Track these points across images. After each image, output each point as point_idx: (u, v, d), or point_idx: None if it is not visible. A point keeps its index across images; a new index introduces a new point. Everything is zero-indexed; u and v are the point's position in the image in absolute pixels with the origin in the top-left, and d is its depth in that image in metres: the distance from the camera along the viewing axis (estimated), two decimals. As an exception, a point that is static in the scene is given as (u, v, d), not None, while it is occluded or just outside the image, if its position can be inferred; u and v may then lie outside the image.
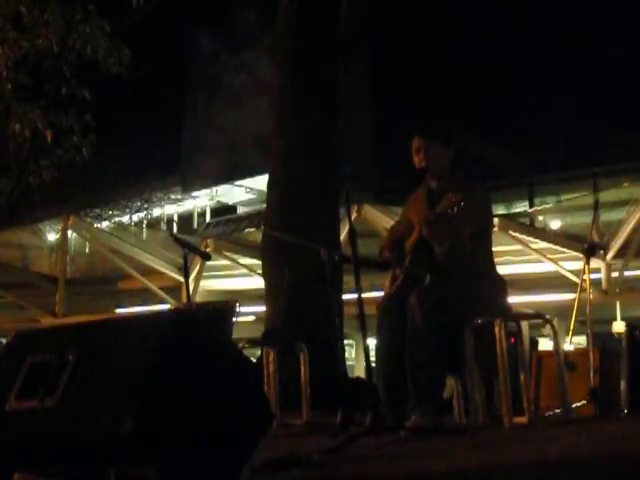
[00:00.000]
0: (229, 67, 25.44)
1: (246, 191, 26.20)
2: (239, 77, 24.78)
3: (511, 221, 13.01)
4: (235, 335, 4.90)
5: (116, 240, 15.35)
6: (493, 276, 4.19)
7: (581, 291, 5.66)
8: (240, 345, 4.90)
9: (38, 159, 9.11)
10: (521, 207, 21.21)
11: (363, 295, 3.98)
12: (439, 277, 4.07)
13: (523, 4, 22.29)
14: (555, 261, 12.34)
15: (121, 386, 2.53)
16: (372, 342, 4.11)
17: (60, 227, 16.16)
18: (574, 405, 4.64)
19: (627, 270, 12.33)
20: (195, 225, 28.95)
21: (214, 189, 27.26)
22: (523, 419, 3.89)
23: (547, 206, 20.03)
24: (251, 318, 12.15)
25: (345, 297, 6.47)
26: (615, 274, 12.29)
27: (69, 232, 16.05)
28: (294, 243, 5.77)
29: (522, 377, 4.03)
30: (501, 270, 4.35)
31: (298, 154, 7.06)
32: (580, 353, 5.60)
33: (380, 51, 23.36)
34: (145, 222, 27.57)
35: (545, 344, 7.74)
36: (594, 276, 10.39)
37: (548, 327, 4.37)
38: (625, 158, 18.49)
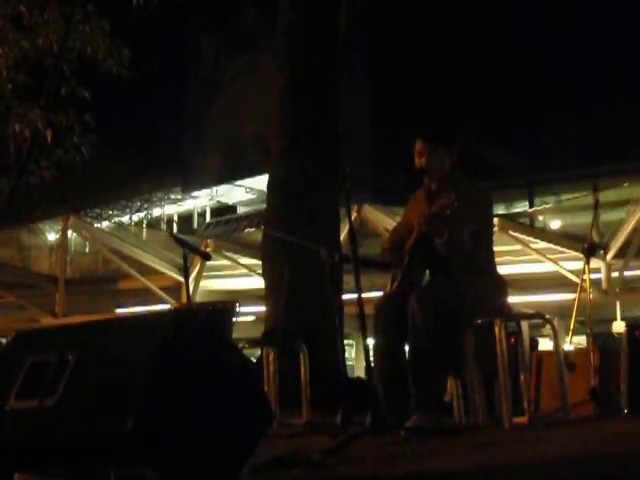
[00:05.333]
0: (229, 67, 25.43)
1: (246, 191, 26.18)
2: (239, 77, 24.77)
3: (511, 221, 13.01)
4: (235, 335, 4.91)
5: (116, 240, 15.35)
6: (493, 275, 4.19)
7: (581, 291, 5.67)
8: (240, 345, 4.90)
9: (38, 159, 9.09)
10: (521, 207, 21.20)
11: (363, 295, 3.98)
12: (439, 275, 4.07)
13: (523, 3, 22.30)
14: (555, 261, 12.34)
15: (121, 386, 2.53)
16: (372, 342, 4.12)
17: (60, 227, 16.17)
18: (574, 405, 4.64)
19: (627, 270, 12.33)
20: (195, 225, 28.94)
21: (214, 189, 27.23)
22: (523, 419, 3.89)
23: (547, 206, 20.04)
24: (251, 318, 12.15)
25: (345, 297, 6.46)
26: (615, 274, 12.29)
27: (69, 232, 16.06)
28: (294, 243, 5.77)
29: (522, 377, 4.03)
30: (501, 270, 4.35)
31: (298, 154, 7.05)
32: (580, 353, 5.60)
33: (380, 51, 23.35)
34: (145, 222, 27.57)
35: (545, 344, 7.74)
36: (594, 276, 10.39)
37: (548, 327, 4.37)
38: (625, 158, 18.49)
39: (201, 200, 28.54)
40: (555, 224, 17.75)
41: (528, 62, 22.24)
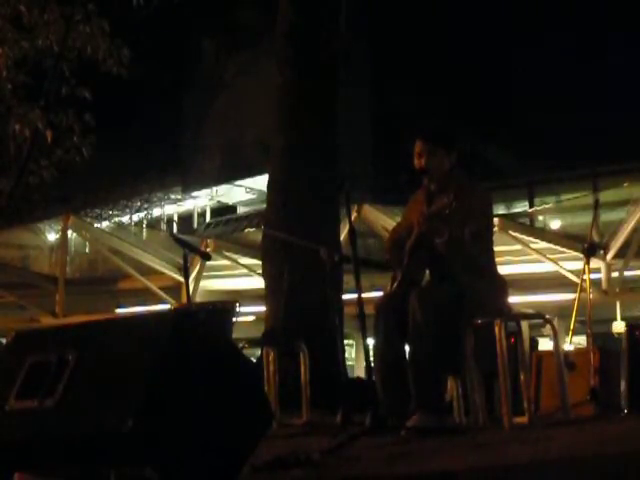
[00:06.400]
0: (229, 67, 25.42)
1: (246, 191, 26.19)
2: (239, 77, 24.76)
3: (511, 221, 13.01)
4: (235, 335, 4.91)
5: (116, 240, 15.36)
6: (494, 275, 4.19)
7: (581, 291, 5.67)
8: (240, 345, 4.90)
9: (38, 159, 9.11)
10: (521, 207, 21.20)
11: (363, 295, 3.98)
12: (439, 276, 4.08)
13: (522, 3, 22.30)
14: (555, 261, 12.34)
15: (121, 386, 2.53)
16: (372, 342, 4.12)
17: (60, 227, 16.17)
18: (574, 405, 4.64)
19: (627, 270, 12.33)
20: (195, 225, 28.94)
21: (214, 189, 27.25)
22: (523, 419, 3.89)
23: (547, 206, 20.02)
24: (251, 318, 12.15)
25: (345, 297, 6.47)
26: (615, 274, 12.29)
27: (69, 232, 16.07)
28: (294, 243, 5.77)
29: (522, 377, 4.03)
30: (501, 270, 4.35)
31: (298, 154, 7.05)
32: (580, 353, 5.60)
33: (380, 51, 23.35)
34: (145, 222, 27.57)
35: (545, 344, 7.74)
36: (594, 276, 10.39)
37: (548, 327, 4.37)
38: (625, 158, 18.47)
39: (201, 200, 28.54)
40: (555, 224, 17.73)
41: (528, 62, 22.25)
